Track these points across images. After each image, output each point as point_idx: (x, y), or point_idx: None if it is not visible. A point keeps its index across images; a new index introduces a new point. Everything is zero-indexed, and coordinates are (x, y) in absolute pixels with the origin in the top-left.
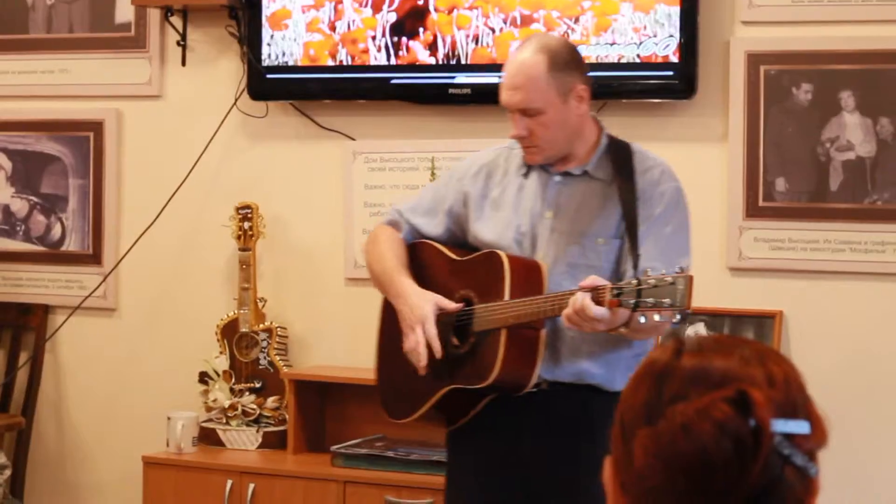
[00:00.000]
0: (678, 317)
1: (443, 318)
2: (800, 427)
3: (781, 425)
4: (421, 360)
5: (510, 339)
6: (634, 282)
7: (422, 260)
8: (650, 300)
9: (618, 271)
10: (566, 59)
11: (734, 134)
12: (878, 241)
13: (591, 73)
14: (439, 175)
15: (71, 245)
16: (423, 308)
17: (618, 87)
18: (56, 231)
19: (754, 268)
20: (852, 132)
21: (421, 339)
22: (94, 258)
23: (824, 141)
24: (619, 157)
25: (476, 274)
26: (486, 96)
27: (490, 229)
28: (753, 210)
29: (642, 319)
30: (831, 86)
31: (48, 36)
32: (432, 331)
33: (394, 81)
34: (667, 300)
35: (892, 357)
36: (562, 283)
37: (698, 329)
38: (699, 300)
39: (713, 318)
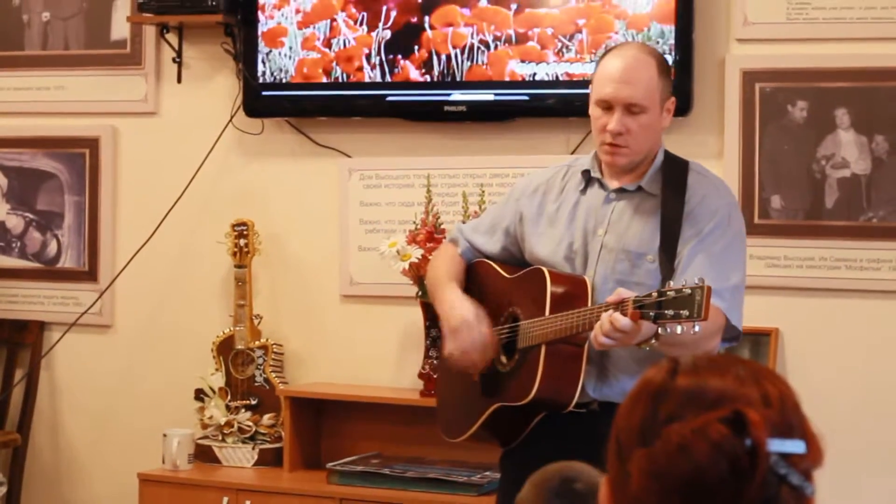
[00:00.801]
0: (697, 328)
1: (492, 334)
2: (796, 446)
3: (777, 445)
4: (467, 364)
5: (549, 354)
6: (655, 294)
7: (478, 278)
8: (669, 312)
9: None
10: (668, 69)
11: (730, 151)
12: (874, 258)
13: (587, 91)
14: (481, 196)
15: (67, 262)
16: (463, 313)
17: None
18: (52, 248)
19: (750, 285)
20: (848, 150)
21: (464, 342)
22: (90, 275)
23: (820, 158)
24: (675, 173)
25: (522, 290)
26: (481, 113)
27: (544, 245)
28: (749, 227)
29: (672, 330)
30: (827, 103)
31: (44, 53)
32: (476, 333)
33: (389, 99)
34: (685, 311)
35: (887, 375)
36: None
37: None
38: None
39: None
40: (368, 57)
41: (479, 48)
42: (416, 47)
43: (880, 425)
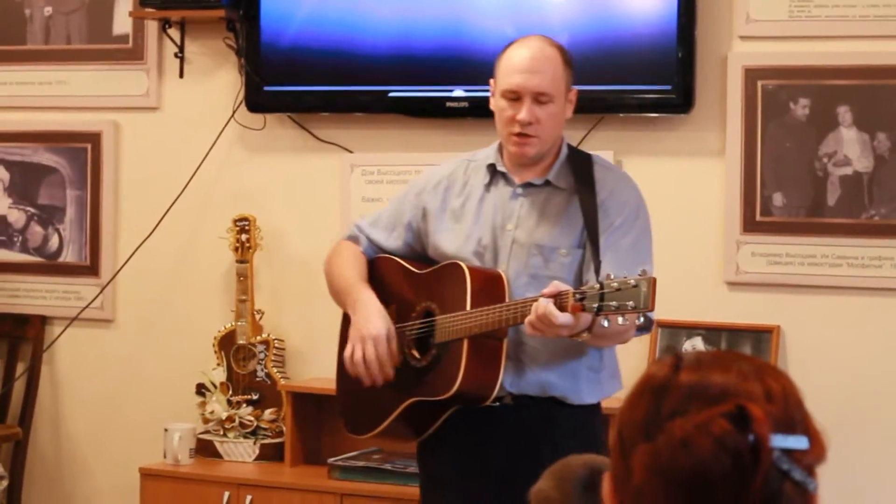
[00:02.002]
0: (641, 319)
1: (403, 330)
2: (798, 442)
3: (780, 440)
4: (364, 376)
5: (472, 349)
6: (597, 286)
7: (382, 274)
8: (613, 304)
9: (580, 281)
10: (570, 60)
11: (731, 149)
12: (876, 255)
13: (589, 88)
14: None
15: (68, 256)
16: (378, 326)
17: (615, 101)
18: (53, 242)
19: (752, 282)
20: (850, 147)
21: (371, 354)
22: (92, 269)
23: (822, 156)
24: (580, 166)
25: (437, 286)
26: (483, 110)
27: (450, 241)
28: (751, 225)
29: (605, 323)
30: (829, 101)
31: (46, 47)
32: (383, 349)
33: (391, 94)
34: (630, 303)
35: (889, 372)
36: (525, 294)
37: (696, 344)
38: (696, 315)
39: (710, 332)
40: None
41: None
42: None
43: (882, 422)
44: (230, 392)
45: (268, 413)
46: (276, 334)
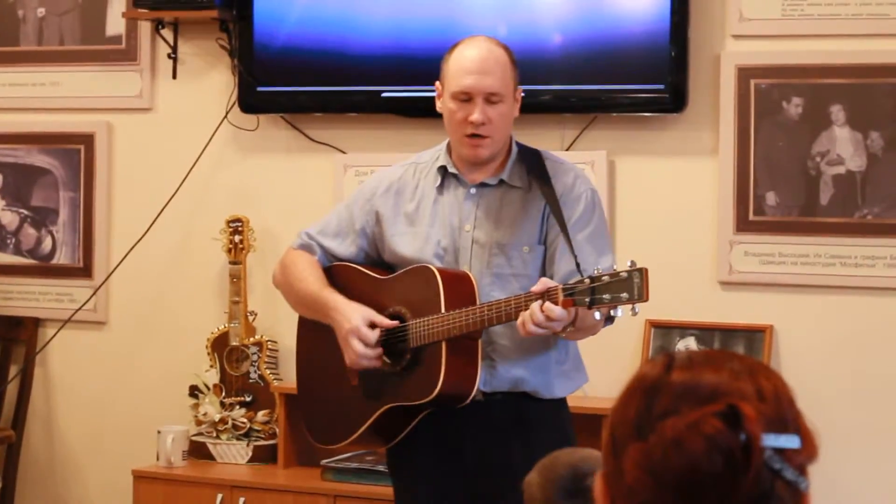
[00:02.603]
0: (636, 309)
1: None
2: (790, 441)
3: (772, 440)
4: (369, 367)
5: (451, 351)
6: (587, 280)
7: (342, 282)
8: (606, 296)
9: (544, 277)
10: (515, 59)
11: (724, 148)
12: (869, 255)
13: (581, 87)
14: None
15: (61, 258)
16: (353, 318)
17: (608, 101)
18: (46, 244)
19: (745, 282)
20: (843, 146)
21: (359, 349)
22: (85, 271)
23: (815, 155)
24: (532, 163)
25: (406, 290)
26: None
27: (407, 244)
28: (744, 224)
29: (597, 315)
30: (822, 100)
31: (39, 48)
32: (370, 335)
33: (384, 95)
34: (624, 294)
35: (882, 371)
36: (491, 293)
37: (689, 344)
38: (689, 314)
39: (703, 332)
40: None
41: None
42: None
43: (874, 421)
44: (223, 394)
45: (261, 415)
46: (269, 336)
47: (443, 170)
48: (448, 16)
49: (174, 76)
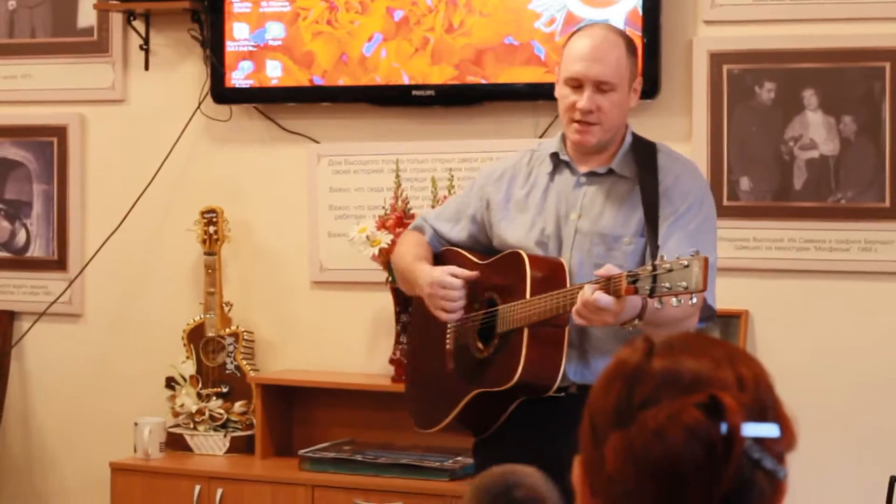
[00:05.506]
0: (694, 299)
1: (467, 323)
2: (770, 430)
3: (752, 429)
4: (451, 319)
5: (532, 337)
6: (650, 268)
7: (448, 265)
8: (666, 285)
9: None
10: (635, 49)
11: (698, 133)
12: (843, 239)
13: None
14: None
15: (36, 251)
16: (426, 276)
17: None
18: (20, 237)
19: (719, 267)
20: (816, 131)
21: (440, 292)
22: (59, 264)
23: (788, 140)
24: (644, 154)
25: (498, 275)
26: (449, 98)
27: (514, 231)
28: (718, 209)
29: (658, 305)
30: (794, 84)
31: (10, 41)
32: (450, 280)
33: (357, 84)
34: (682, 283)
35: (857, 355)
36: None
37: None
38: None
39: None
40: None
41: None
42: None
43: (850, 406)
44: (200, 385)
45: (238, 405)
46: (245, 326)
47: (555, 157)
48: None
49: (146, 68)
